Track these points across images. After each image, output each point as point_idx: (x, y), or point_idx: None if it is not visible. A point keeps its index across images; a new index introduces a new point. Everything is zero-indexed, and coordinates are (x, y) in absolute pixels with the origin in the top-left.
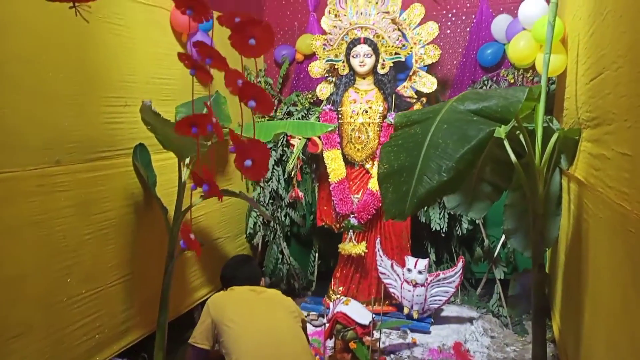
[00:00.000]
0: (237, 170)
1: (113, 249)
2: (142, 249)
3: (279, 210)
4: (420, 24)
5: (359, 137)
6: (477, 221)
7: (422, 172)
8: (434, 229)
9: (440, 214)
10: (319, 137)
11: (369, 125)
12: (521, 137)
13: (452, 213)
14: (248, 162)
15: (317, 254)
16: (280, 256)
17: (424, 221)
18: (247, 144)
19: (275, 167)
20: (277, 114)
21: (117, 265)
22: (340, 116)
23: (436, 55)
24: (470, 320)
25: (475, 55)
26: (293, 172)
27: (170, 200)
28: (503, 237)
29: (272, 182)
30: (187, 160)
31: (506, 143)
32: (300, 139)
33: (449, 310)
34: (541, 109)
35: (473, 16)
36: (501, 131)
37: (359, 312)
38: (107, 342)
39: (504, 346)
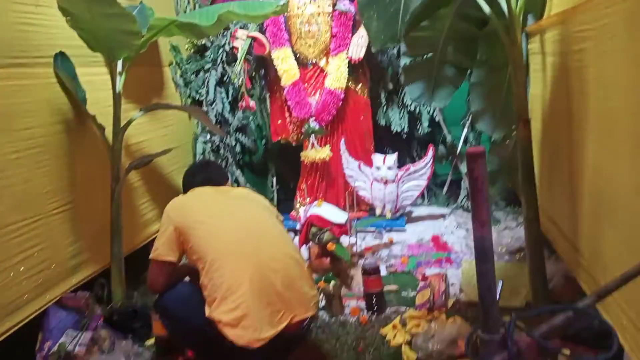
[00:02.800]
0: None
1: (47, 172)
2: (81, 173)
3: (228, 136)
4: None
5: (309, 31)
6: (436, 118)
7: None
8: (394, 131)
9: (400, 113)
10: (266, 37)
11: (319, 15)
12: None
13: (412, 111)
14: None
15: (274, 179)
16: (236, 184)
17: (383, 124)
18: None
19: (218, 88)
20: None
21: (54, 192)
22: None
23: None
24: (442, 216)
25: None
26: (241, 79)
27: (104, 120)
28: (464, 132)
29: (216, 104)
30: (120, 66)
31: None
32: (244, 40)
33: (419, 211)
34: None
35: None
36: None
37: (333, 212)
38: (57, 279)
39: None
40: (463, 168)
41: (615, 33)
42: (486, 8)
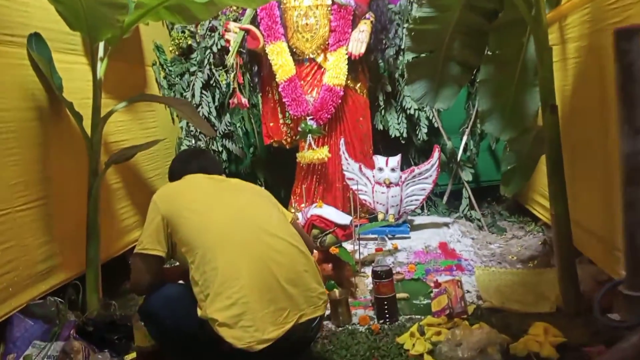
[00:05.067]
0: None
1: (16, 162)
2: (55, 166)
3: (213, 142)
4: None
5: (306, 24)
6: (435, 124)
7: None
8: (392, 135)
9: (397, 118)
10: (259, 30)
11: (317, 7)
12: None
13: (410, 116)
14: None
15: (263, 187)
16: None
17: (381, 128)
18: None
19: (204, 91)
20: (199, 29)
21: (24, 184)
22: (281, 1)
23: None
24: (446, 224)
25: None
26: (232, 75)
27: (82, 113)
28: (464, 140)
29: (202, 109)
30: (101, 49)
31: None
32: (237, 32)
33: (421, 220)
34: None
35: None
36: None
37: (335, 214)
38: (24, 284)
39: (487, 244)
40: (465, 176)
41: None
42: None
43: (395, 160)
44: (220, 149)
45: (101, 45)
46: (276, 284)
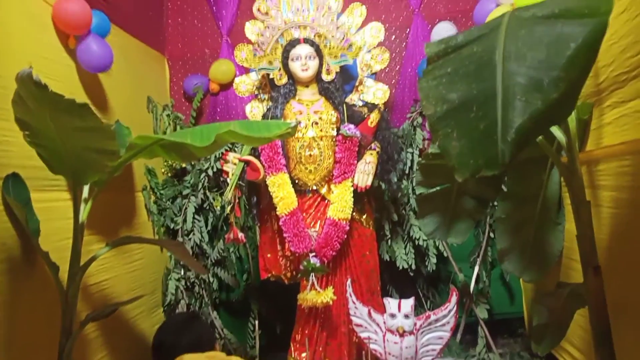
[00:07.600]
0: None
1: None
2: (21, 328)
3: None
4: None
5: (310, 155)
6: (444, 254)
7: (509, 95)
8: (400, 267)
9: (405, 248)
10: (260, 161)
11: (321, 139)
12: None
13: (418, 245)
14: None
15: (256, 322)
16: (211, 329)
17: (387, 259)
18: None
19: (197, 216)
20: None
21: None
22: None
23: (385, 59)
24: None
25: (415, 71)
26: (230, 207)
27: (59, 257)
28: (476, 270)
29: (193, 235)
30: (86, 192)
31: None
32: (236, 164)
33: None
34: None
35: (407, 30)
36: None
37: None
38: None
39: None
40: (480, 312)
41: None
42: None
43: (408, 304)
44: (212, 278)
45: (86, 187)
46: None
